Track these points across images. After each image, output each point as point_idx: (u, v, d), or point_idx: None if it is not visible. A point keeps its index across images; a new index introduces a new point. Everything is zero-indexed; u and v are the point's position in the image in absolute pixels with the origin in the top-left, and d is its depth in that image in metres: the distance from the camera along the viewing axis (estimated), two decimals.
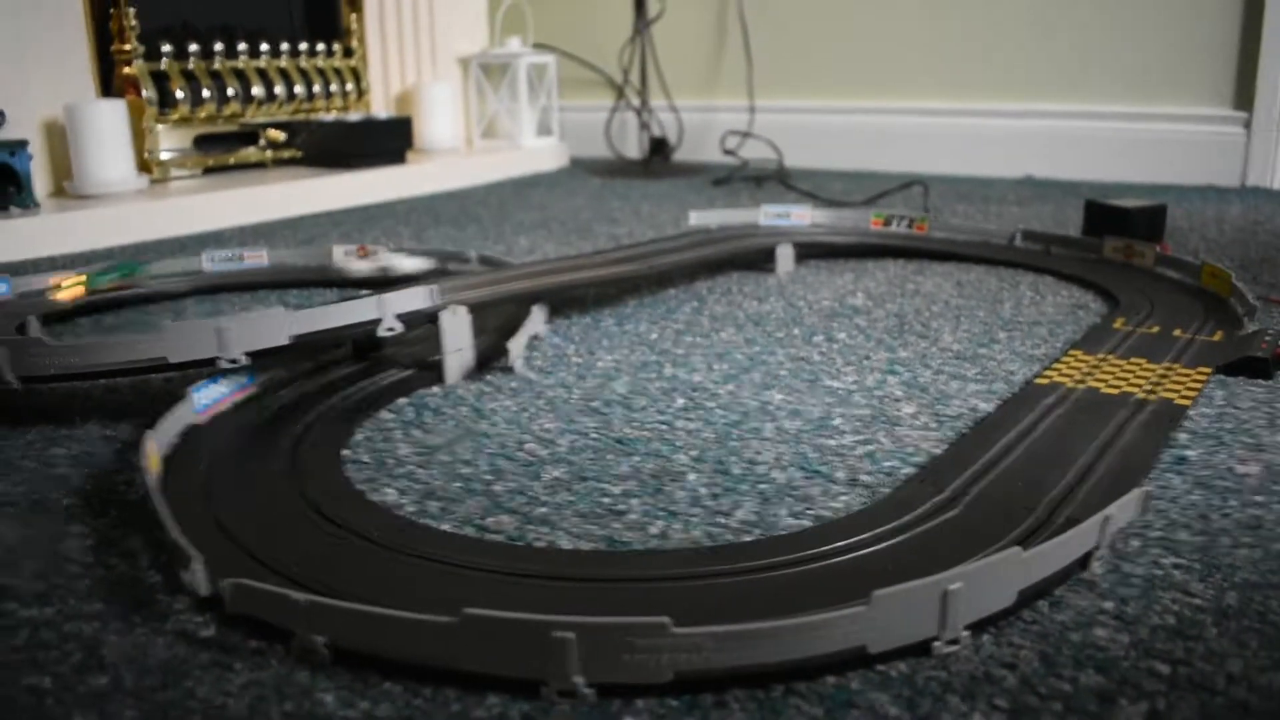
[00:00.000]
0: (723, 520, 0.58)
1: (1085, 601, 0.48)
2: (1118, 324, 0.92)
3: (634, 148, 2.43)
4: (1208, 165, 1.83)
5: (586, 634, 0.41)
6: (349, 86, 2.02)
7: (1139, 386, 0.75)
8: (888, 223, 1.35)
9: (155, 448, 0.63)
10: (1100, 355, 0.83)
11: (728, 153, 2.24)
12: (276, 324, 0.75)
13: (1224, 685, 0.42)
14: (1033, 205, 1.65)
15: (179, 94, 1.72)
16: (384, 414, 0.76)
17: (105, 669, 0.45)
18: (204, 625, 0.48)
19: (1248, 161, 1.79)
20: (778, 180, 1.99)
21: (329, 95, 1.99)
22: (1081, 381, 0.77)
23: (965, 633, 0.45)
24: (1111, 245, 1.19)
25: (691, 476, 0.64)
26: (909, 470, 0.64)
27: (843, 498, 0.60)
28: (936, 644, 0.44)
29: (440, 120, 2.18)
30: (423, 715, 0.41)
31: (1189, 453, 0.66)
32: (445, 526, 0.58)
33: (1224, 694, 0.42)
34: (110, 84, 1.68)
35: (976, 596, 0.44)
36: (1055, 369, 0.80)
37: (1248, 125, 1.78)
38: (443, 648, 0.42)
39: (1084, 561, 0.51)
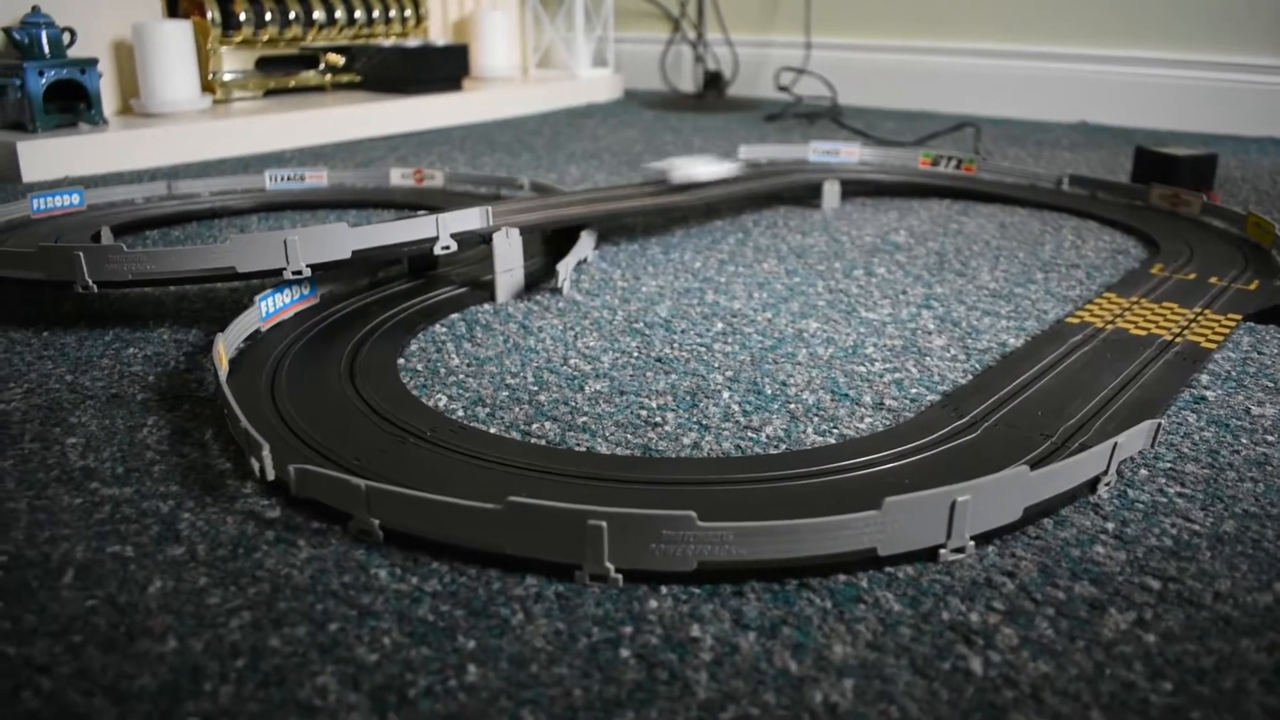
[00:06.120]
0: (752, 435, 0.61)
1: (1089, 521, 0.51)
2: (1155, 269, 0.93)
3: (689, 81, 2.44)
4: (1268, 116, 1.80)
5: (618, 523, 0.44)
6: (408, 13, 2.04)
7: (1167, 329, 0.77)
8: (935, 163, 1.36)
9: (224, 349, 0.68)
10: (1133, 298, 0.85)
11: (781, 89, 2.23)
12: (339, 238, 0.78)
13: (1210, 601, 0.45)
14: (1085, 151, 1.64)
15: (242, 16, 1.75)
16: (437, 327, 0.80)
17: (181, 541, 0.50)
18: (270, 507, 0.53)
19: None
20: (830, 118, 1.98)
21: (388, 21, 2.01)
22: (1111, 322, 0.79)
23: (971, 542, 0.48)
24: (1159, 192, 1.19)
25: (725, 394, 0.67)
26: (934, 398, 0.67)
27: (867, 419, 0.63)
28: (943, 551, 0.47)
29: (497, 48, 2.20)
30: (467, 591, 0.45)
31: (1209, 393, 0.68)
32: (492, 430, 0.62)
33: (1209, 609, 0.45)
34: (176, 5, 1.72)
35: (983, 509, 0.48)
36: (1087, 309, 0.82)
37: None
38: (487, 532, 0.46)
39: (1092, 486, 0.54)
